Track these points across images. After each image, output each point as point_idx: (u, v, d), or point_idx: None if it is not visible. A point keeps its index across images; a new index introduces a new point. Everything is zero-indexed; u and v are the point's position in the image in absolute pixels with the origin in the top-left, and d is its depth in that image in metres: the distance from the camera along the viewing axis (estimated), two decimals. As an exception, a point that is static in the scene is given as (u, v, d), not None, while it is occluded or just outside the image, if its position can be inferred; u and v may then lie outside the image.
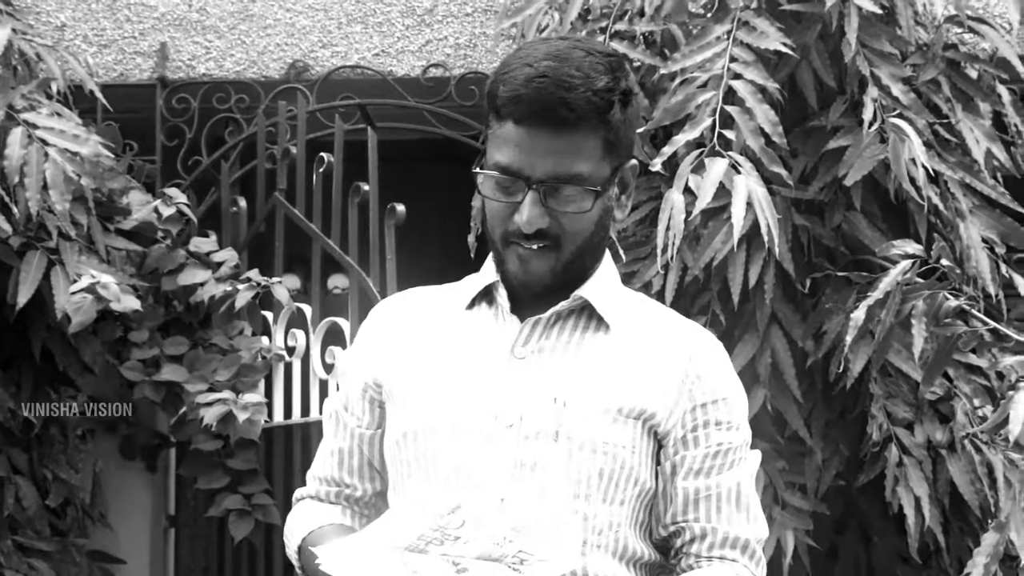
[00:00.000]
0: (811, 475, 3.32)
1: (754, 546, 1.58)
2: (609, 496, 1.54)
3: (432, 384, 1.60)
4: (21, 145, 3.36)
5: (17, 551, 3.59)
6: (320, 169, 3.81)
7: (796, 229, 3.29)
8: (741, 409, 1.61)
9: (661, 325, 1.61)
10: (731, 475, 1.57)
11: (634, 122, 1.57)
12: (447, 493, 1.50)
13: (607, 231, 1.60)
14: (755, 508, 1.60)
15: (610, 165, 1.54)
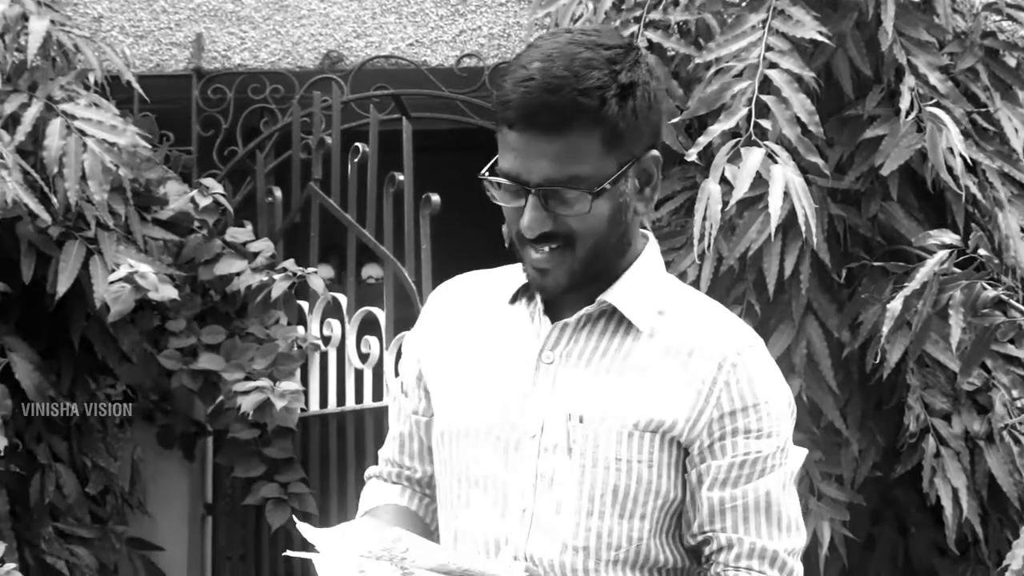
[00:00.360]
0: (847, 466, 3.30)
1: (783, 558, 1.52)
2: (628, 511, 1.53)
3: (465, 385, 1.60)
4: (60, 136, 3.39)
5: (58, 537, 3.63)
6: (355, 159, 3.83)
7: (832, 219, 3.28)
8: (776, 415, 1.53)
9: (695, 327, 1.55)
10: (760, 484, 1.52)
11: (645, 113, 1.49)
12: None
13: (625, 226, 1.53)
14: (789, 517, 1.53)
15: (616, 160, 1.49)
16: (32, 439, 3.62)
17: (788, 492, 1.54)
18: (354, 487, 3.77)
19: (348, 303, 3.84)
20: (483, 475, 1.56)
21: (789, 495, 1.54)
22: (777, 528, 1.52)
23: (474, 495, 1.57)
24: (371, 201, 3.78)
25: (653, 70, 1.53)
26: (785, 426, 1.54)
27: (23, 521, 3.58)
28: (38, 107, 3.42)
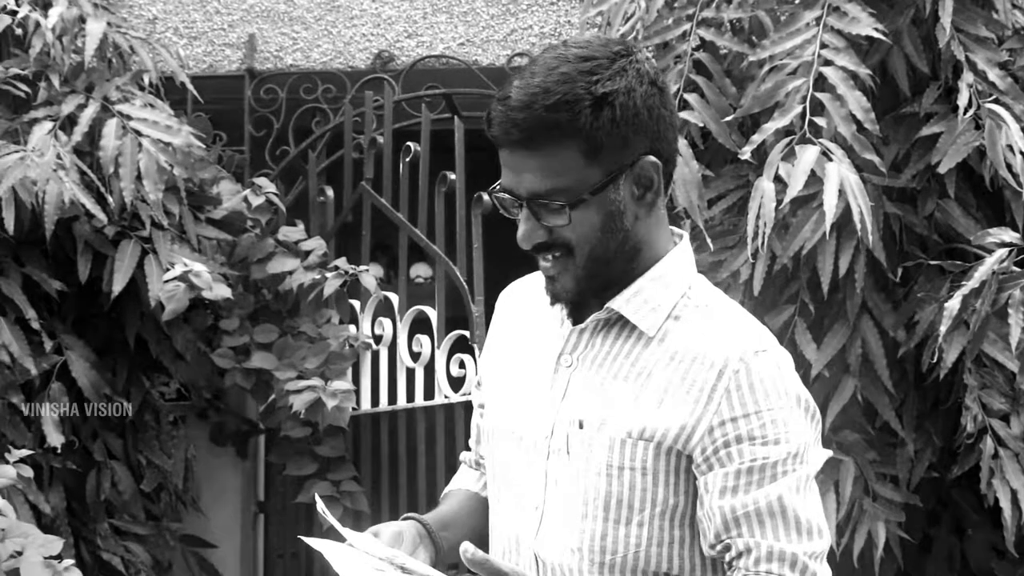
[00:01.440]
0: (903, 466, 3.27)
1: (804, 560, 1.50)
2: (623, 517, 1.54)
3: (503, 385, 1.67)
4: (116, 136, 3.42)
5: (114, 534, 3.66)
6: (407, 158, 3.84)
7: (887, 217, 3.25)
8: (784, 421, 1.51)
9: (704, 334, 1.55)
10: (772, 490, 1.50)
11: (630, 120, 1.50)
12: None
13: (624, 233, 1.54)
14: (809, 521, 1.51)
15: (602, 170, 1.51)
16: (88, 436, 3.66)
17: (805, 496, 1.51)
18: (405, 485, 3.78)
19: (399, 302, 3.85)
20: (509, 473, 1.63)
21: (806, 499, 1.51)
22: (796, 532, 1.50)
23: (503, 492, 1.63)
24: (423, 200, 3.78)
25: (648, 75, 1.52)
26: (796, 431, 1.51)
27: (80, 517, 3.62)
28: (94, 108, 3.46)
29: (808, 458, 1.52)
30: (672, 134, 1.56)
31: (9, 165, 3.27)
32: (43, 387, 3.48)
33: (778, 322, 3.36)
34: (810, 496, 1.51)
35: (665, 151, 1.54)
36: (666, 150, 1.55)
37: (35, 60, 3.49)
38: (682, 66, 3.46)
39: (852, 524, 3.24)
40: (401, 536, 1.63)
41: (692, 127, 3.41)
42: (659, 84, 1.53)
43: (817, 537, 1.51)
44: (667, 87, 1.55)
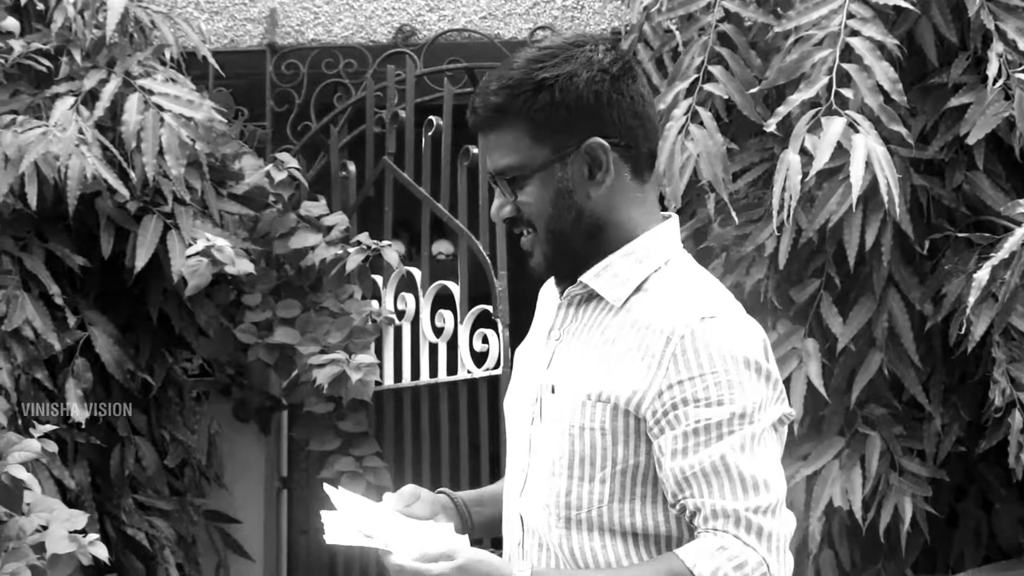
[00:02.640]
0: (930, 441, 3.25)
1: (746, 516, 1.55)
2: (586, 475, 1.62)
3: (517, 366, 1.80)
4: (138, 111, 3.42)
5: (138, 509, 3.67)
6: (429, 133, 3.82)
7: (915, 189, 3.22)
8: (730, 383, 1.57)
9: (661, 303, 1.63)
10: (715, 450, 1.56)
11: (572, 103, 1.62)
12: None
13: (578, 210, 1.64)
14: (753, 477, 1.55)
15: (547, 149, 1.62)
16: (112, 412, 3.66)
17: (751, 453, 1.56)
18: (428, 461, 3.77)
19: (422, 277, 3.84)
20: (510, 443, 1.77)
21: (753, 456, 1.56)
22: (741, 489, 1.55)
23: (509, 459, 1.77)
24: (445, 175, 3.77)
25: (598, 63, 1.63)
26: (741, 393, 1.57)
27: (104, 493, 3.63)
28: (116, 83, 3.45)
29: (757, 418, 1.57)
30: (632, 119, 1.64)
31: (32, 140, 3.27)
32: (67, 363, 3.49)
33: (803, 296, 3.34)
34: (758, 453, 1.56)
35: (619, 135, 1.63)
36: (623, 134, 1.64)
37: (57, 35, 3.48)
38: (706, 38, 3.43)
39: (878, 499, 3.23)
40: (417, 495, 1.73)
41: (716, 99, 3.38)
42: (613, 72, 1.63)
43: (764, 491, 1.56)
44: (626, 75, 1.64)
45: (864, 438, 3.29)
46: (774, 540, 1.56)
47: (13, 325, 3.31)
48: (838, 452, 3.30)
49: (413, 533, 1.65)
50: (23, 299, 3.36)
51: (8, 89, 3.51)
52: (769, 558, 1.55)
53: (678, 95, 3.40)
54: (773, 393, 1.60)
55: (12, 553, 2.80)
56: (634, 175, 1.65)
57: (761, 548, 1.55)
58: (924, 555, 3.35)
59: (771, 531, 1.56)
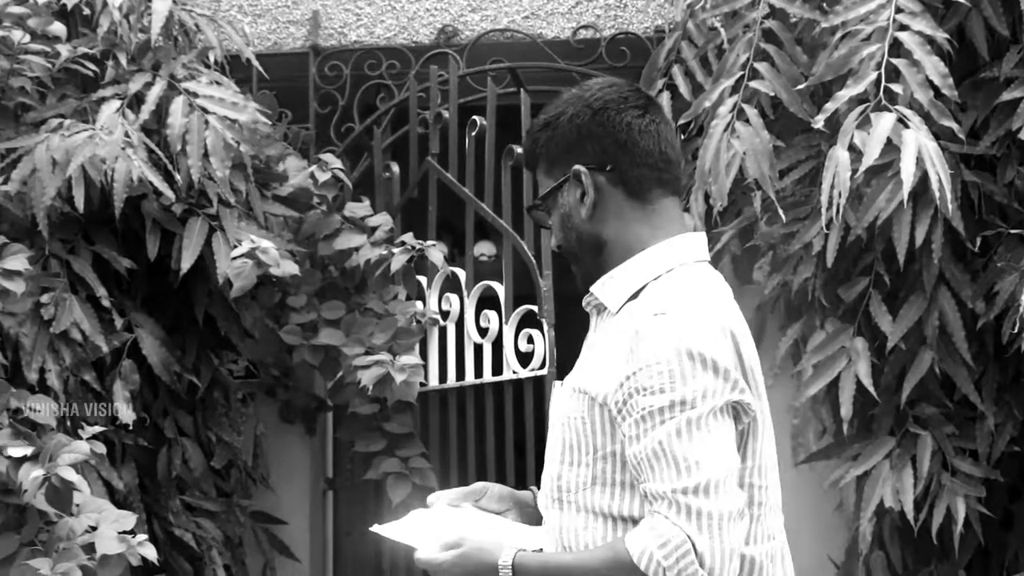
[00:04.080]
0: (983, 440, 3.21)
1: (676, 497, 1.65)
2: (574, 460, 1.76)
3: None
4: (183, 114, 3.43)
5: (185, 510, 3.68)
6: (472, 132, 3.81)
7: (966, 185, 3.18)
8: (672, 373, 1.68)
9: (640, 307, 1.77)
10: (654, 435, 1.67)
11: (565, 138, 1.83)
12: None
13: (576, 231, 1.83)
14: (685, 458, 1.65)
15: (552, 180, 1.86)
16: (159, 413, 3.68)
17: (688, 438, 1.66)
18: (474, 462, 3.76)
19: (467, 277, 3.84)
20: None
21: (689, 441, 1.66)
22: (674, 471, 1.66)
23: None
24: (489, 175, 3.76)
25: (583, 99, 1.83)
26: (683, 382, 1.67)
27: (151, 494, 3.64)
28: (161, 86, 3.46)
29: (699, 404, 1.66)
30: (613, 146, 1.80)
31: (79, 144, 3.28)
32: (114, 364, 3.50)
33: (852, 294, 3.31)
34: (696, 437, 1.66)
35: (598, 161, 1.80)
36: (604, 160, 1.80)
37: (102, 39, 3.50)
38: (751, 35, 3.41)
39: (930, 499, 3.19)
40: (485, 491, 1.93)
41: (762, 96, 3.36)
42: (595, 107, 1.81)
43: (696, 472, 1.65)
44: (607, 109, 1.81)
45: (915, 438, 3.25)
46: (704, 519, 1.63)
47: (61, 327, 3.33)
48: (888, 452, 3.27)
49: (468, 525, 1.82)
50: (71, 301, 3.38)
51: (55, 93, 3.53)
52: (697, 536, 1.63)
53: (723, 92, 3.38)
54: (723, 383, 1.68)
55: (63, 553, 2.82)
56: (630, 196, 1.81)
57: (689, 527, 1.63)
58: (977, 556, 3.31)
59: (700, 509, 1.63)
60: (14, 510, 2.95)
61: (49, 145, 3.29)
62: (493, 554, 1.73)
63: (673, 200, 1.83)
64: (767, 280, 3.51)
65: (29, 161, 3.30)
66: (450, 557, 1.75)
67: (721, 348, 1.69)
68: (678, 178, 1.85)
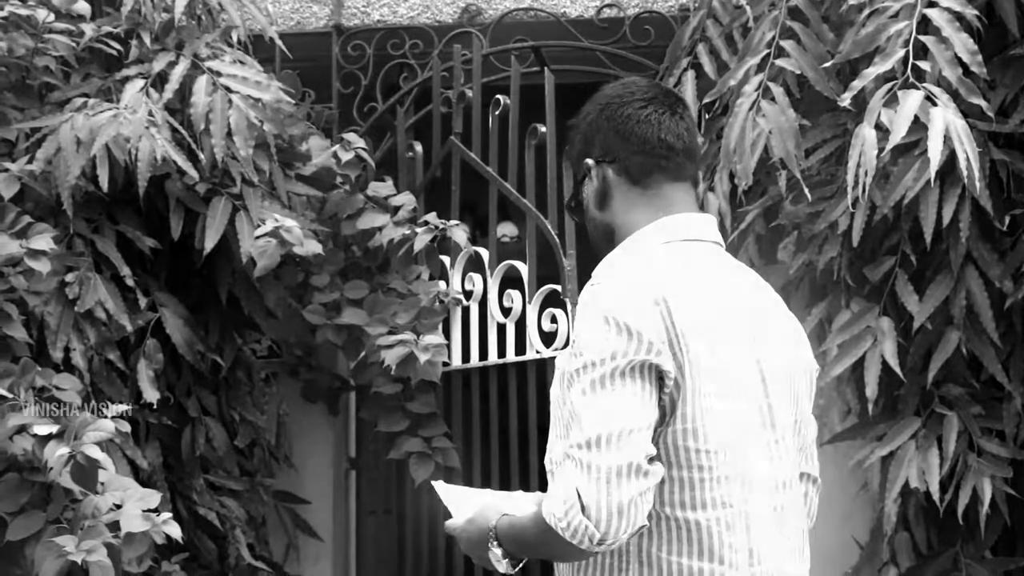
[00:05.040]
0: (1010, 421, 3.19)
1: (570, 451, 1.72)
2: (559, 433, 1.84)
3: None
4: (206, 93, 3.42)
5: (209, 489, 3.69)
6: (496, 112, 3.80)
7: (994, 164, 3.15)
8: (585, 337, 1.76)
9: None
10: (571, 396, 1.76)
11: (582, 136, 1.96)
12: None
13: (593, 220, 1.95)
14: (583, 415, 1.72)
15: (577, 177, 1.97)
16: (182, 393, 3.69)
17: (590, 397, 1.72)
18: (497, 441, 3.76)
19: (490, 257, 3.83)
20: None
21: (589, 398, 1.73)
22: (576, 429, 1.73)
23: None
24: (512, 154, 3.74)
25: (597, 100, 1.95)
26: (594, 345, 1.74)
27: (175, 473, 3.65)
28: (185, 65, 3.46)
29: (606, 364, 1.72)
30: (614, 138, 1.90)
31: (103, 123, 3.28)
32: (138, 344, 3.51)
33: (878, 274, 3.29)
34: (598, 394, 1.72)
35: (603, 153, 1.91)
36: (606, 152, 1.91)
37: (126, 18, 3.49)
38: (777, 12, 3.38)
39: (956, 480, 3.17)
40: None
41: (788, 75, 3.33)
42: (601, 102, 1.93)
43: (588, 427, 1.70)
44: (610, 106, 1.92)
45: (941, 418, 3.23)
46: (592, 472, 1.68)
47: (86, 306, 3.34)
48: (914, 432, 3.25)
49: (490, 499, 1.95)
50: (95, 281, 3.38)
51: (80, 72, 3.53)
52: (583, 489, 1.68)
53: (749, 71, 3.36)
54: (635, 345, 1.73)
55: (88, 531, 2.82)
56: (631, 183, 1.89)
57: (579, 480, 1.69)
58: (1004, 537, 3.29)
59: (589, 463, 1.69)
60: (39, 488, 2.96)
61: (73, 124, 3.29)
62: (489, 520, 1.85)
63: (677, 185, 1.89)
64: (792, 260, 3.49)
65: (54, 140, 3.31)
66: (461, 523, 1.88)
67: (639, 314, 1.74)
68: (683, 165, 1.90)
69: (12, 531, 2.90)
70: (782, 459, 1.81)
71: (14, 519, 2.91)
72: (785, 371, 1.84)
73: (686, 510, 1.74)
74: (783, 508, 1.80)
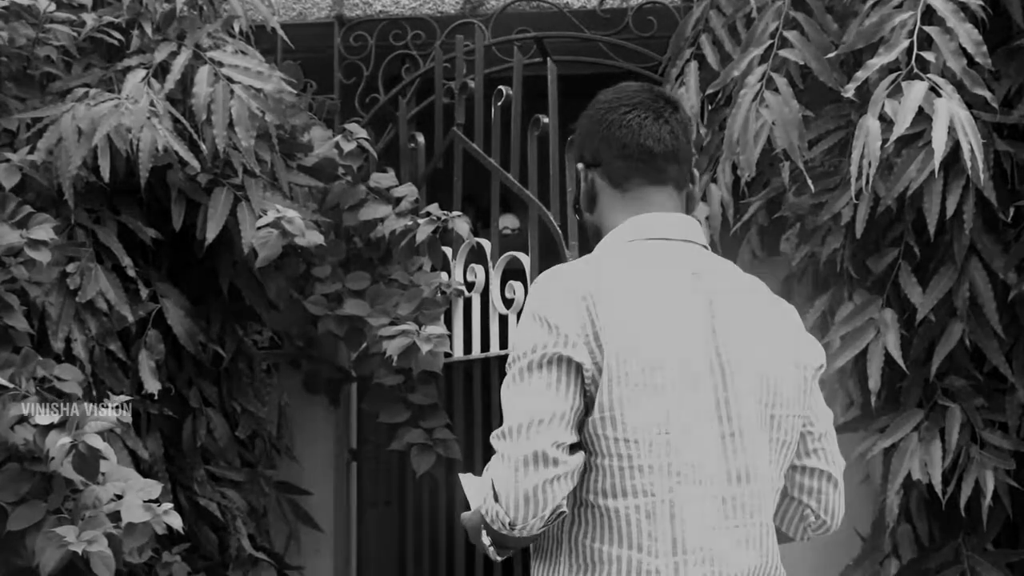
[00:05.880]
0: (1013, 413, 3.18)
1: (493, 441, 1.80)
2: None
3: None
4: (208, 83, 3.41)
5: (210, 480, 3.69)
6: (498, 103, 3.79)
7: (998, 155, 3.14)
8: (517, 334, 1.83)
9: None
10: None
11: (573, 145, 2.06)
12: None
13: (587, 223, 2.01)
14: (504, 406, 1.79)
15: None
16: (184, 384, 3.68)
17: (512, 388, 1.80)
18: (499, 433, 3.75)
19: (492, 248, 3.82)
20: None
21: (510, 390, 1.80)
22: (501, 419, 1.80)
23: None
24: (515, 145, 3.73)
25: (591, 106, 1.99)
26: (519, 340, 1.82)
27: (177, 464, 3.65)
28: (186, 55, 3.45)
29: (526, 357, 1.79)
30: (598, 142, 1.95)
31: (104, 113, 3.28)
32: (139, 334, 3.51)
33: (881, 265, 3.28)
34: (514, 387, 1.79)
35: (588, 157, 1.97)
36: (591, 156, 1.97)
37: (128, 8, 3.48)
38: (781, 2, 3.37)
39: (959, 472, 3.17)
40: None
41: (792, 65, 3.32)
42: (591, 108, 1.98)
43: (506, 417, 1.78)
44: (594, 111, 1.97)
45: (944, 410, 3.23)
46: (504, 460, 1.77)
47: (87, 297, 3.33)
48: (917, 424, 3.24)
49: None
50: (96, 271, 3.37)
51: (81, 63, 3.52)
52: (496, 476, 1.77)
53: (752, 62, 3.35)
54: (553, 338, 1.78)
55: (89, 521, 2.82)
56: (613, 187, 1.94)
57: (494, 467, 1.78)
58: (1006, 530, 3.29)
59: (502, 452, 1.77)
60: (40, 478, 2.95)
61: (75, 114, 3.29)
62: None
63: (657, 188, 1.92)
64: (795, 251, 3.48)
65: (55, 131, 3.30)
66: (467, 514, 1.91)
67: (560, 309, 1.79)
68: (663, 169, 1.93)
69: (13, 521, 2.89)
70: (738, 452, 1.81)
71: (15, 509, 2.91)
72: (756, 367, 1.84)
73: (607, 498, 1.78)
74: (735, 500, 1.80)
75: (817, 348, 1.96)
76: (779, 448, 1.86)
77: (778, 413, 1.85)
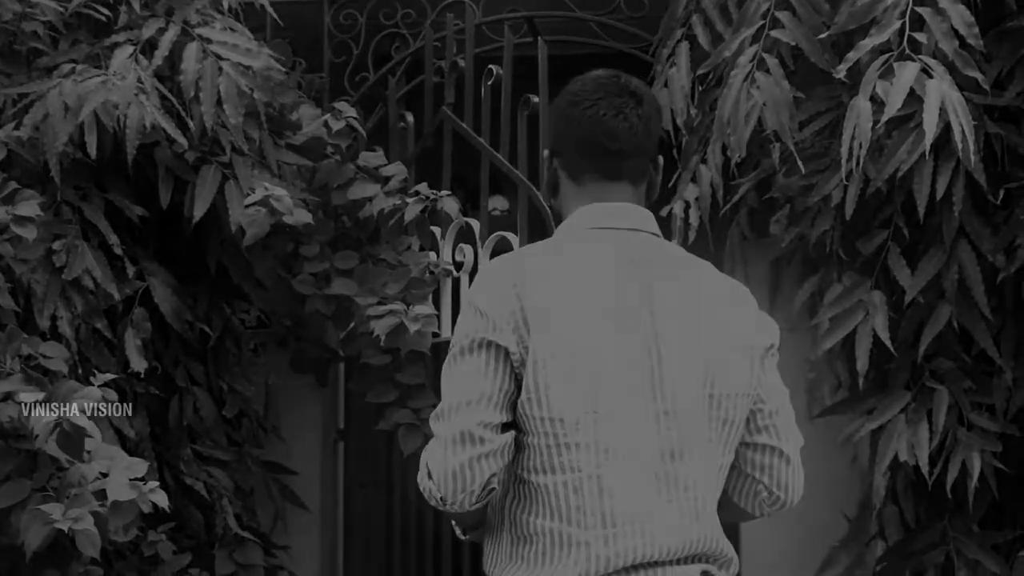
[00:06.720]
0: (999, 395, 3.19)
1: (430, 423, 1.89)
2: None
3: None
4: (196, 60, 3.39)
5: (196, 459, 3.68)
6: (489, 82, 3.77)
7: (989, 137, 3.14)
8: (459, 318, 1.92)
9: None
10: None
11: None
12: None
13: (551, 208, 2.08)
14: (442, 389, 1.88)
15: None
16: (170, 362, 3.67)
17: (445, 373, 1.89)
18: (487, 413, 3.75)
19: (481, 228, 3.81)
20: None
21: (445, 374, 1.89)
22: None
23: None
24: (505, 125, 3.72)
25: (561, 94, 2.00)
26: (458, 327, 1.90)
27: (163, 442, 3.64)
28: (174, 31, 3.43)
29: (460, 343, 1.88)
30: (562, 133, 1.98)
31: (91, 89, 3.25)
32: (126, 313, 3.49)
33: (870, 247, 3.28)
34: (448, 371, 1.88)
35: (552, 146, 2.00)
36: (554, 145, 2.00)
37: (115, -17, 3.46)
38: (773, -17, 3.35)
39: (945, 454, 3.17)
40: None
41: (783, 46, 3.31)
42: (558, 102, 2.00)
43: (441, 400, 1.87)
44: (560, 103, 2.00)
45: (931, 392, 3.23)
46: (437, 440, 1.86)
47: (73, 274, 3.31)
48: (904, 406, 3.25)
49: None
50: (83, 248, 3.36)
51: (68, 38, 3.50)
52: (429, 454, 1.87)
53: (744, 42, 3.33)
54: (483, 324, 1.86)
55: (74, 499, 2.81)
56: (569, 177, 1.98)
57: (428, 446, 1.88)
58: (991, 511, 3.30)
59: (434, 432, 1.87)
60: (25, 455, 2.94)
61: (62, 90, 3.26)
62: None
63: (608, 183, 1.95)
64: (784, 233, 3.48)
65: (41, 106, 3.27)
66: None
67: (491, 296, 1.87)
68: (617, 166, 1.95)
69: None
70: (672, 429, 1.86)
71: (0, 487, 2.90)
72: (696, 349, 1.88)
73: (538, 474, 1.85)
74: (669, 475, 1.85)
75: (771, 328, 1.98)
76: (721, 426, 1.90)
77: (718, 392, 1.89)
